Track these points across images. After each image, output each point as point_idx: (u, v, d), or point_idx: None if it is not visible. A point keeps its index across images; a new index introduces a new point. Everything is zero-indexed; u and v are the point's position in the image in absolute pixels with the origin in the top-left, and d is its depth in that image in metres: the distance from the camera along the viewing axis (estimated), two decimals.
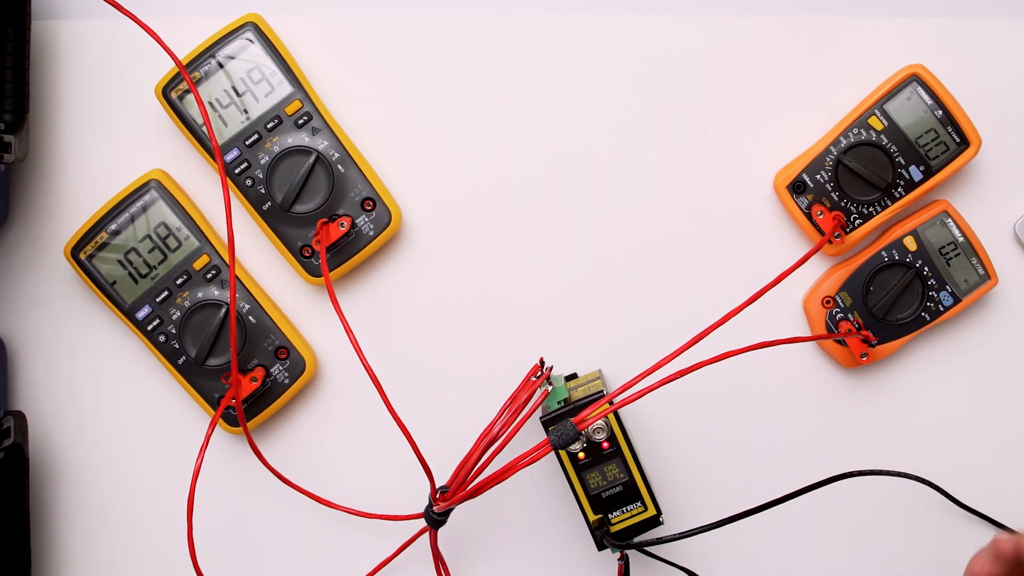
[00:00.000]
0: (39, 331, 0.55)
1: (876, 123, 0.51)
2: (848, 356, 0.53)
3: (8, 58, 0.49)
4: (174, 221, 0.52)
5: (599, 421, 0.48)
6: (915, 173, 0.51)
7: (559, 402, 0.48)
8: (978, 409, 0.55)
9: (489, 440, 0.45)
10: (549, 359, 0.54)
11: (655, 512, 0.49)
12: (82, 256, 0.52)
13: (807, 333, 0.54)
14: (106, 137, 0.54)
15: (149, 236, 0.52)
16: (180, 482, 0.55)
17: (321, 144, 0.52)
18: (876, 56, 0.53)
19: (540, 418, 0.48)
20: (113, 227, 0.52)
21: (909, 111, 0.51)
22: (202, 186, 0.54)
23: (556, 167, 0.54)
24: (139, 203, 0.52)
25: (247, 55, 0.51)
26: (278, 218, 0.52)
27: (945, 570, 0.55)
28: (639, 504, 0.49)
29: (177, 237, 0.52)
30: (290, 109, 0.51)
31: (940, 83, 0.50)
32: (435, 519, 0.48)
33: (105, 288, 0.52)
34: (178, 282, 0.52)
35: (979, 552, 0.41)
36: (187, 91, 0.51)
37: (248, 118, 0.51)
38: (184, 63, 0.51)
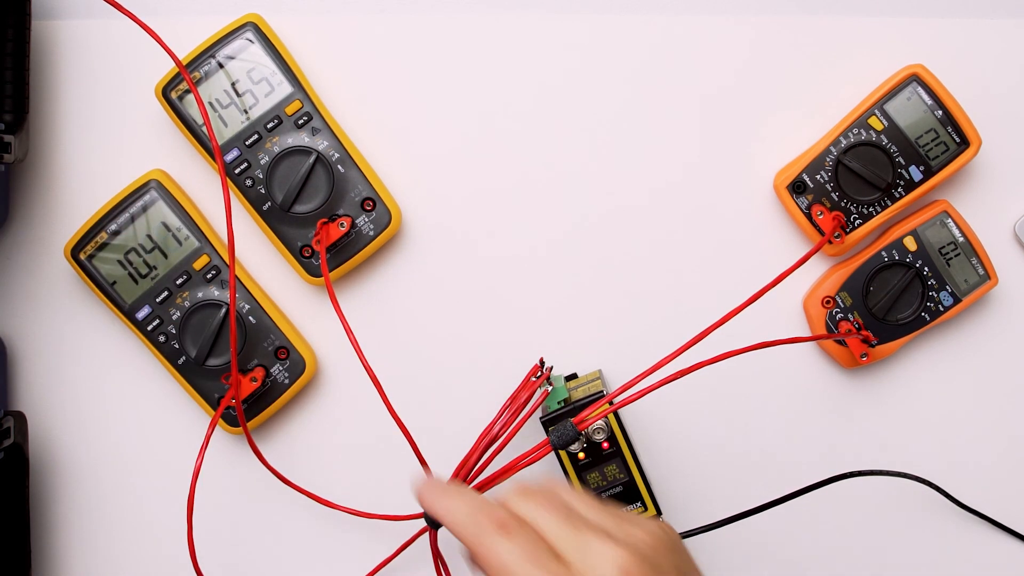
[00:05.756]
0: (39, 331, 0.55)
1: (876, 123, 0.51)
2: (848, 356, 0.53)
3: (8, 58, 0.49)
4: (174, 221, 0.52)
5: (599, 421, 0.48)
6: (915, 173, 0.51)
7: (559, 402, 0.48)
8: (978, 409, 0.55)
9: (489, 440, 0.45)
10: (549, 359, 0.54)
11: (655, 512, 0.49)
12: (82, 256, 0.52)
13: (807, 333, 0.54)
14: (106, 137, 0.54)
15: (149, 236, 0.52)
16: (180, 482, 0.55)
17: (321, 144, 0.52)
18: (876, 56, 0.53)
19: (540, 418, 0.48)
20: (113, 227, 0.52)
21: (909, 111, 0.51)
22: (202, 186, 0.54)
23: (556, 167, 0.54)
24: (139, 203, 0.52)
25: (247, 55, 0.51)
26: (278, 218, 0.52)
27: (945, 570, 0.55)
28: (639, 504, 0.49)
29: (177, 237, 0.52)
30: (290, 109, 0.51)
31: (940, 83, 0.50)
32: (435, 519, 0.48)
33: (105, 288, 0.52)
34: (178, 282, 0.52)
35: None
36: (187, 91, 0.51)
37: (248, 118, 0.51)
38: (184, 63, 0.51)
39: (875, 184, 0.51)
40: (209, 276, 0.52)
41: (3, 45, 0.49)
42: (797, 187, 0.52)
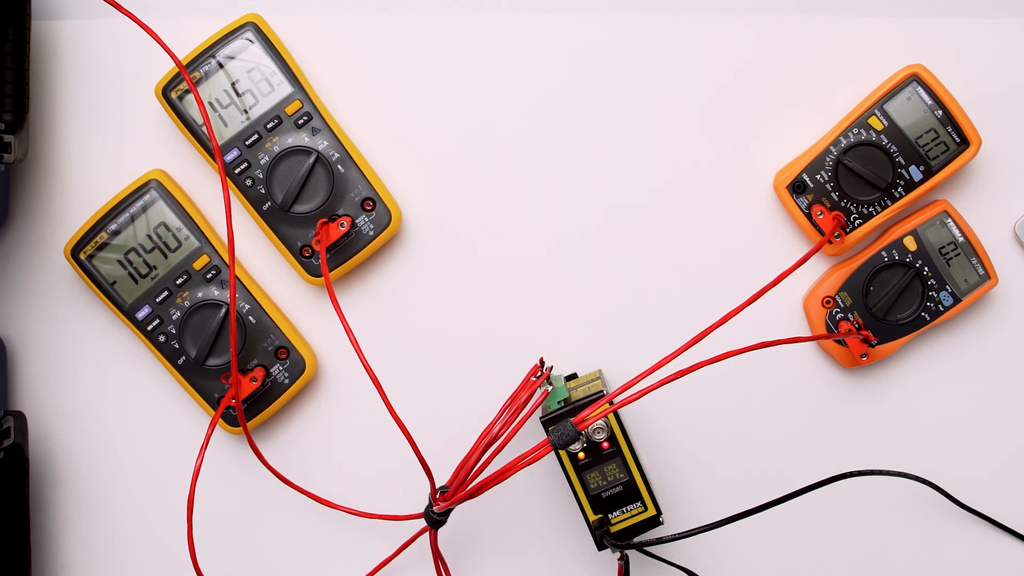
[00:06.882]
0: (39, 331, 0.55)
1: (876, 123, 0.51)
2: (848, 356, 0.53)
3: (8, 58, 0.49)
4: (174, 221, 0.52)
5: (599, 421, 0.48)
6: (915, 173, 0.51)
7: (559, 402, 0.48)
8: (978, 409, 0.55)
9: (489, 440, 0.45)
10: (549, 359, 0.54)
11: (655, 512, 0.49)
12: (82, 256, 0.52)
13: (807, 333, 0.54)
14: (106, 137, 0.54)
15: (149, 236, 0.52)
16: (180, 482, 0.55)
17: (321, 144, 0.52)
18: (876, 56, 0.53)
19: (540, 418, 0.48)
20: (113, 227, 0.52)
21: (909, 111, 0.51)
22: (202, 186, 0.54)
23: (556, 167, 0.54)
24: (139, 203, 0.52)
25: (247, 55, 0.51)
26: (278, 218, 0.52)
27: (945, 570, 0.55)
28: (639, 504, 0.49)
29: (177, 237, 0.52)
30: (290, 109, 0.51)
31: (940, 83, 0.50)
32: (435, 519, 0.48)
33: (105, 288, 0.52)
34: (178, 282, 0.52)
35: None
36: (187, 91, 0.51)
37: (248, 118, 0.51)
38: (184, 63, 0.51)
39: (875, 184, 0.51)
40: (209, 276, 0.52)
41: (3, 45, 0.49)
42: (797, 187, 0.52)
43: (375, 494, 0.55)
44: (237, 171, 0.51)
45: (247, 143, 0.51)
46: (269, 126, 0.51)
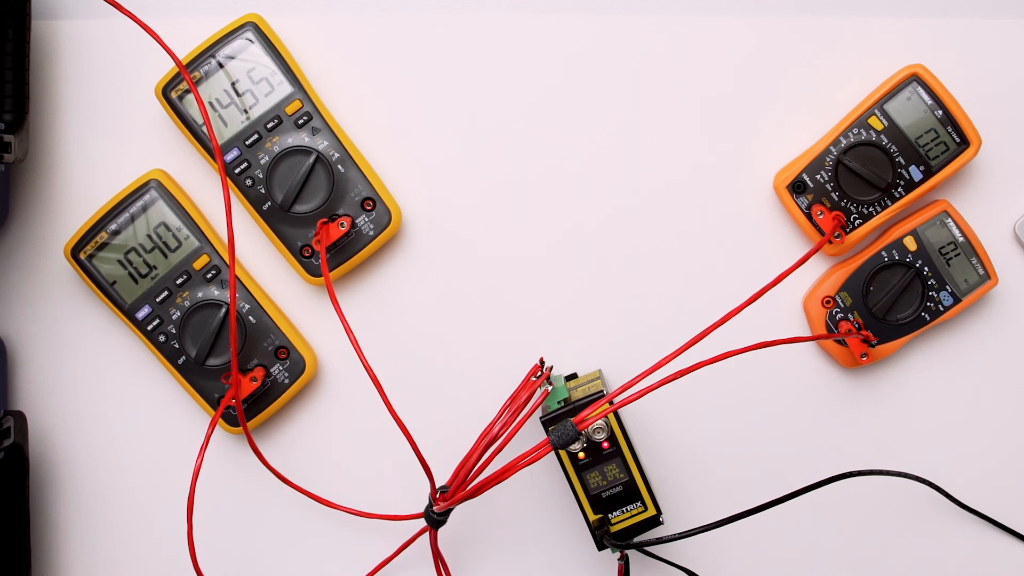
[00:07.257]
0: (39, 331, 0.55)
1: (876, 123, 0.51)
2: (848, 356, 0.53)
3: (8, 58, 0.49)
4: (174, 221, 0.52)
5: (599, 421, 0.48)
6: (915, 173, 0.51)
7: (559, 402, 0.48)
8: (978, 409, 0.55)
9: (489, 440, 0.45)
10: (549, 359, 0.54)
11: (655, 512, 0.49)
12: (82, 256, 0.52)
13: (807, 333, 0.54)
14: (106, 137, 0.54)
15: (149, 236, 0.52)
16: (180, 482, 0.55)
17: (321, 144, 0.52)
18: (876, 56, 0.53)
19: (540, 418, 0.48)
20: (113, 227, 0.52)
21: (909, 111, 0.51)
22: (202, 186, 0.54)
23: (556, 167, 0.54)
24: (139, 203, 0.52)
25: (247, 55, 0.51)
26: (278, 218, 0.52)
27: (945, 570, 0.55)
28: (639, 504, 0.49)
29: (177, 237, 0.52)
30: (290, 109, 0.51)
31: (940, 83, 0.50)
32: (435, 519, 0.48)
33: (105, 288, 0.52)
34: (178, 282, 0.52)
35: None
36: (187, 91, 0.51)
37: (248, 118, 0.51)
38: (184, 63, 0.51)
39: (875, 184, 0.51)
40: (209, 276, 0.52)
41: (3, 45, 0.49)
42: (797, 187, 0.52)
43: (375, 494, 0.55)
44: (237, 171, 0.51)
45: (247, 143, 0.51)
46: (269, 126, 0.51)
